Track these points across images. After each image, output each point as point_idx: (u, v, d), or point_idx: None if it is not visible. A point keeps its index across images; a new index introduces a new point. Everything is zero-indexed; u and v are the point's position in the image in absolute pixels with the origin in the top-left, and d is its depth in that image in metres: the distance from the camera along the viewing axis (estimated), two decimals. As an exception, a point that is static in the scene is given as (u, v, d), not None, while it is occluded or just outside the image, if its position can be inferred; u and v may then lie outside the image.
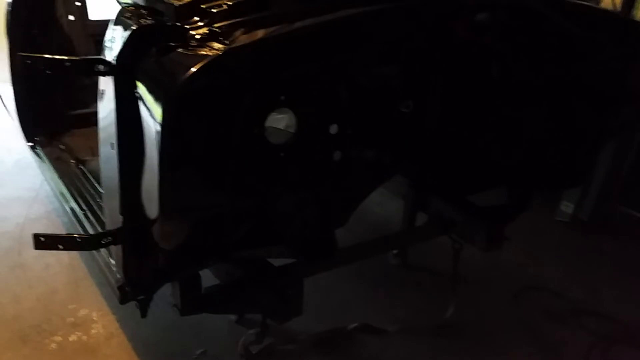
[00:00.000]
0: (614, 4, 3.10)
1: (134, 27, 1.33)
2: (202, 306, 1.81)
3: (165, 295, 1.76)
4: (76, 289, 2.56)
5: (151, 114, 1.28)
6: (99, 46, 3.05)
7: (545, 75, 1.87)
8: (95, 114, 2.83)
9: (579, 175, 2.48)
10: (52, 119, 2.77)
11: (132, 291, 1.61)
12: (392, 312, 2.50)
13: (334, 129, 1.48)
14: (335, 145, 1.50)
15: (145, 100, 1.30)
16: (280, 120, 1.38)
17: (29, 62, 1.40)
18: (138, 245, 1.49)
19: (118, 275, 1.65)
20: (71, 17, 2.97)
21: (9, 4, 2.56)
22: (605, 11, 2.50)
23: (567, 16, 1.86)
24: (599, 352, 2.37)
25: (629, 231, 3.15)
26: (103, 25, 3.03)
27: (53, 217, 3.09)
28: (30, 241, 2.74)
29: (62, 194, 2.29)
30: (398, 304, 2.57)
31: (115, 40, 1.38)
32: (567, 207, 3.31)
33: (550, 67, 1.87)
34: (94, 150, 2.56)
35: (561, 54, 1.87)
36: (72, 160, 2.51)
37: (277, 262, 1.90)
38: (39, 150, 2.65)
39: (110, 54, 1.36)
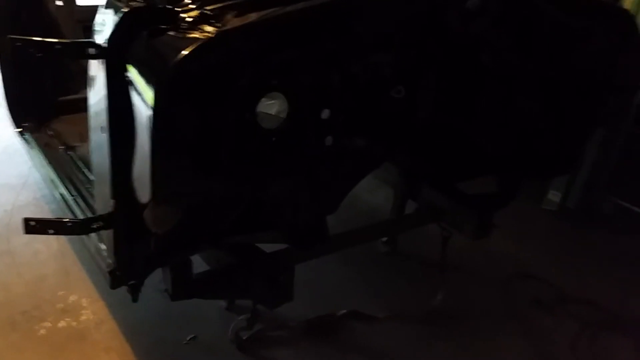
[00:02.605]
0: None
1: (124, 10, 1.32)
2: (193, 291, 1.82)
3: (155, 282, 1.76)
4: (65, 275, 2.55)
5: (142, 97, 1.27)
6: (87, 32, 3.03)
7: (534, 63, 1.88)
8: (84, 100, 2.82)
9: (566, 164, 2.50)
10: (41, 105, 2.74)
11: (123, 276, 1.61)
12: (382, 299, 2.52)
13: (325, 114, 1.47)
14: (327, 130, 1.50)
15: (136, 84, 1.29)
16: (271, 105, 1.38)
17: (19, 44, 1.38)
18: (129, 230, 1.49)
19: (109, 260, 1.64)
20: (59, 3, 2.94)
21: (-4, -12, 2.54)
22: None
23: (556, 4, 1.86)
24: (586, 339, 2.40)
25: (616, 220, 3.19)
26: (91, 11, 2.99)
27: (41, 204, 3.07)
28: (18, 228, 2.72)
29: (51, 180, 2.27)
30: (387, 291, 2.59)
31: (105, 23, 1.36)
32: (554, 196, 3.34)
33: (540, 55, 1.88)
34: (83, 136, 2.54)
35: (550, 42, 1.88)
36: (61, 147, 2.49)
37: (267, 247, 1.91)
38: (27, 136, 2.63)
39: (101, 36, 1.35)
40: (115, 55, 1.31)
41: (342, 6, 1.49)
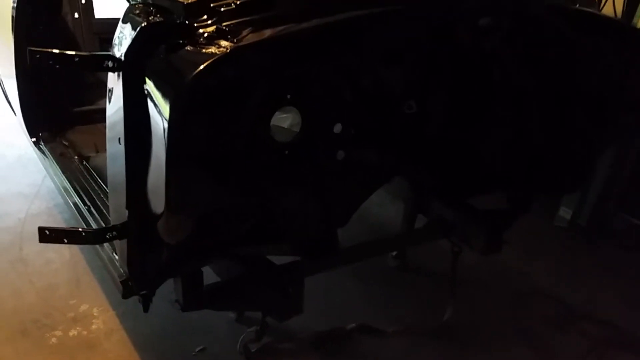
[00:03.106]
0: (615, 11, 3.13)
1: (143, 24, 1.34)
2: (203, 302, 1.83)
3: (165, 292, 1.78)
4: (77, 284, 2.58)
5: (159, 110, 1.30)
6: (104, 44, 3.09)
7: (546, 80, 1.89)
8: (99, 112, 2.87)
9: (577, 180, 2.50)
10: (56, 115, 2.78)
11: (135, 286, 1.63)
12: (391, 313, 2.52)
13: (337, 128, 1.49)
14: (339, 144, 1.52)
15: (153, 97, 1.32)
16: (285, 119, 1.40)
17: (38, 56, 1.40)
18: (143, 240, 1.51)
19: (121, 270, 1.67)
20: (76, 15, 2.99)
21: (15, 0, 2.58)
22: (606, 18, 2.52)
23: (569, 23, 1.88)
24: (596, 357, 2.38)
25: (627, 236, 3.17)
26: (108, 23, 3.09)
27: (54, 213, 3.11)
28: (31, 236, 2.78)
29: (65, 189, 2.30)
30: (396, 305, 2.59)
31: (124, 37, 1.39)
32: (565, 213, 3.32)
33: (552, 72, 1.89)
34: (98, 147, 2.60)
35: (563, 60, 1.89)
36: (75, 157, 2.52)
37: (278, 259, 1.92)
38: (42, 146, 2.66)
39: (119, 50, 1.38)
40: (133, 69, 1.34)
41: (355, 23, 1.51)
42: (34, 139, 2.73)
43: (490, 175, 2.08)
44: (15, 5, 2.57)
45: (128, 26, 1.40)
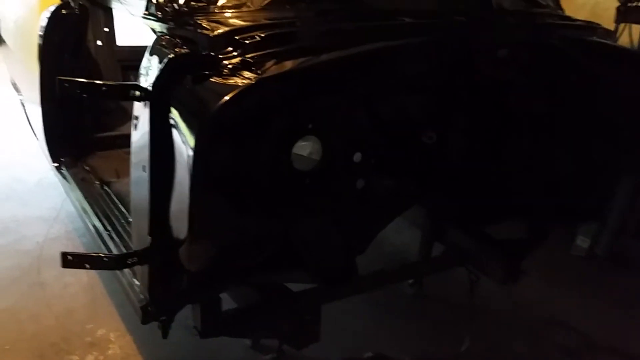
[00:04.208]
0: (631, 42, 3.14)
1: (170, 56, 1.38)
2: (221, 329, 1.83)
3: (181, 317, 1.78)
4: (94, 308, 2.59)
5: (184, 139, 1.33)
6: (126, 71, 3.15)
7: (564, 110, 1.91)
8: (120, 137, 2.91)
9: (595, 210, 2.49)
10: (79, 140, 2.83)
11: (155, 311, 1.64)
12: (407, 342, 2.50)
13: (357, 157, 1.51)
14: (359, 173, 1.54)
15: (178, 126, 1.35)
16: (306, 148, 1.42)
17: (66, 85, 1.44)
18: (164, 266, 1.52)
19: (141, 296, 1.68)
20: (99, 43, 3.06)
21: (42, 28, 2.65)
22: (623, 49, 2.54)
23: (587, 54, 1.90)
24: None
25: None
26: (130, 51, 3.15)
27: (73, 237, 3.14)
28: (50, 260, 2.80)
29: (86, 213, 2.33)
30: (413, 333, 2.57)
31: (151, 68, 1.43)
32: (583, 242, 3.30)
33: (570, 103, 1.90)
34: (119, 172, 2.63)
35: (581, 90, 1.90)
36: (97, 182, 2.56)
37: (295, 287, 1.92)
38: (64, 171, 2.71)
39: (146, 80, 1.42)
40: (160, 98, 1.37)
41: (375, 55, 1.54)
42: (56, 164, 2.78)
43: (508, 203, 2.08)
44: (42, 33, 2.63)
45: (155, 57, 1.44)
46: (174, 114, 1.36)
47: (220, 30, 1.48)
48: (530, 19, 2.22)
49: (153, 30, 1.69)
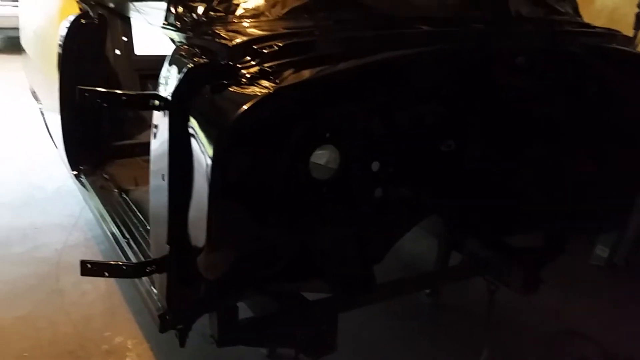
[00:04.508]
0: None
1: (189, 65, 1.39)
2: (238, 338, 1.83)
3: (199, 326, 1.78)
4: (112, 316, 2.60)
5: (202, 148, 1.33)
6: (144, 80, 3.18)
7: (584, 119, 1.89)
8: (138, 146, 2.93)
9: (615, 219, 2.46)
10: (98, 149, 2.86)
11: (173, 320, 1.64)
12: (424, 353, 2.48)
13: (375, 166, 1.51)
14: (377, 182, 1.54)
15: (197, 135, 1.35)
16: (324, 157, 1.42)
17: (87, 95, 1.46)
18: (182, 275, 1.53)
19: (159, 304, 1.68)
20: (118, 52, 3.09)
21: (61, 37, 2.68)
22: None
23: (607, 61, 1.88)
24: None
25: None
26: (148, 60, 3.17)
27: (91, 245, 3.17)
28: (68, 267, 2.82)
29: (105, 220, 2.35)
30: (430, 344, 2.55)
31: (170, 77, 1.44)
32: (602, 251, 3.26)
33: (590, 111, 1.88)
34: (137, 180, 2.65)
35: (601, 98, 1.88)
36: (115, 189, 2.58)
37: (311, 296, 1.92)
38: (83, 179, 2.73)
39: (165, 90, 1.43)
40: (179, 108, 1.38)
41: (393, 63, 1.54)
42: (75, 172, 2.80)
43: (528, 213, 2.06)
44: (61, 43, 2.67)
45: (174, 67, 1.45)
46: (193, 123, 1.37)
47: (239, 40, 1.48)
48: (549, 26, 2.20)
49: (172, 40, 1.70)
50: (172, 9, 1.67)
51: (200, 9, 1.66)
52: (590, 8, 3.29)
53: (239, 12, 1.69)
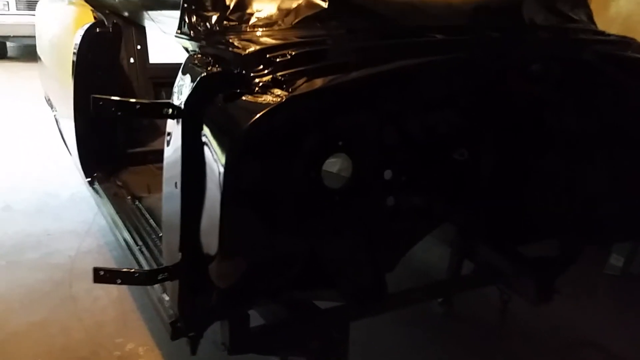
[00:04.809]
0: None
1: (202, 74, 1.40)
2: (250, 346, 1.82)
3: (210, 333, 1.78)
4: (124, 322, 2.61)
5: (215, 156, 1.34)
6: (158, 88, 3.20)
7: (599, 127, 1.87)
8: (151, 153, 2.95)
9: (631, 229, 2.43)
10: (111, 156, 2.88)
11: (184, 327, 1.64)
12: (437, 362, 2.47)
13: (388, 174, 1.51)
14: (389, 190, 1.53)
15: (210, 143, 1.36)
16: (336, 165, 1.42)
17: (100, 103, 1.47)
18: (194, 282, 1.53)
19: (171, 311, 1.69)
20: (132, 60, 3.12)
21: (76, 46, 2.71)
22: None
23: (622, 69, 1.86)
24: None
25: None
26: (162, 68, 3.20)
27: (104, 251, 3.18)
28: (81, 274, 2.83)
29: (118, 227, 2.37)
30: (442, 354, 2.53)
31: (183, 86, 1.45)
32: (617, 261, 3.22)
33: (605, 119, 1.87)
34: (150, 188, 2.66)
35: (616, 106, 1.87)
36: (128, 197, 2.60)
37: (322, 304, 1.91)
38: (97, 186, 2.75)
39: (179, 98, 1.44)
40: (192, 116, 1.39)
41: (406, 72, 1.53)
42: (88, 179, 2.83)
43: (541, 221, 2.04)
44: (76, 51, 2.69)
45: (188, 76, 1.46)
46: (206, 131, 1.37)
47: (252, 49, 1.49)
48: (563, 34, 2.19)
49: (186, 49, 1.72)
50: (186, 18, 1.68)
51: (214, 18, 1.67)
52: (604, 15, 3.27)
53: (252, 21, 1.70)
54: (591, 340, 2.67)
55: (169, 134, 1.48)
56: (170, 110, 1.42)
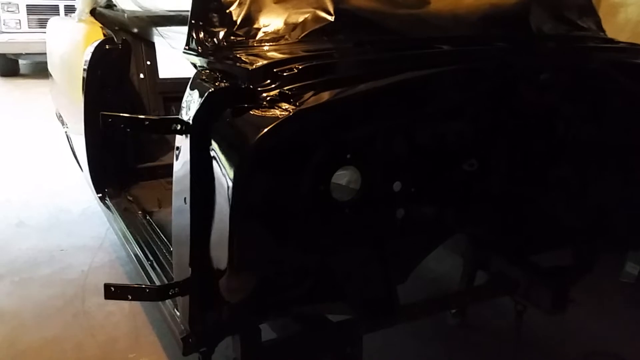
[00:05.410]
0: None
1: (210, 90, 1.40)
2: (262, 360, 1.82)
3: (222, 348, 1.78)
4: (136, 337, 2.61)
5: (224, 171, 1.34)
6: (167, 103, 3.22)
7: (610, 135, 1.86)
8: (162, 168, 2.96)
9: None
10: (122, 171, 2.90)
11: (195, 343, 1.64)
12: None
13: (397, 186, 1.50)
14: (399, 202, 1.52)
15: (218, 158, 1.36)
16: (345, 178, 1.41)
17: (110, 120, 1.48)
18: (205, 298, 1.53)
19: (182, 327, 1.68)
20: (142, 76, 3.14)
21: (86, 62, 2.74)
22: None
23: (632, 77, 1.85)
24: None
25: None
26: (172, 83, 3.22)
27: (116, 266, 3.19)
28: (94, 289, 2.84)
29: (129, 242, 2.37)
30: (457, 365, 2.51)
31: (192, 102, 1.46)
32: (632, 268, 3.18)
33: (615, 128, 1.85)
34: (161, 202, 2.67)
35: (626, 115, 1.85)
36: (139, 212, 2.61)
37: (334, 317, 1.90)
38: (107, 201, 2.77)
39: (187, 114, 1.44)
40: (200, 132, 1.39)
41: (414, 84, 1.53)
42: (100, 194, 2.84)
43: (555, 231, 2.02)
44: (86, 67, 2.72)
45: (196, 91, 1.46)
46: (214, 146, 1.38)
47: (259, 64, 1.49)
48: (572, 42, 2.18)
49: (194, 64, 1.73)
50: (194, 34, 1.69)
51: (221, 34, 1.69)
52: (613, 22, 3.25)
53: (259, 36, 1.71)
54: (607, 350, 2.63)
55: (177, 148, 1.49)
56: (179, 126, 1.43)
